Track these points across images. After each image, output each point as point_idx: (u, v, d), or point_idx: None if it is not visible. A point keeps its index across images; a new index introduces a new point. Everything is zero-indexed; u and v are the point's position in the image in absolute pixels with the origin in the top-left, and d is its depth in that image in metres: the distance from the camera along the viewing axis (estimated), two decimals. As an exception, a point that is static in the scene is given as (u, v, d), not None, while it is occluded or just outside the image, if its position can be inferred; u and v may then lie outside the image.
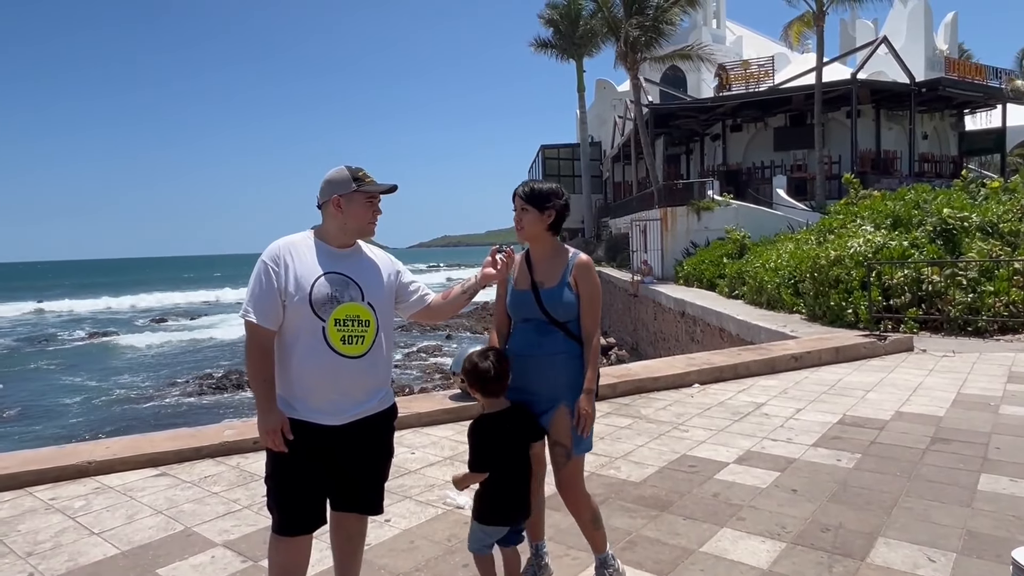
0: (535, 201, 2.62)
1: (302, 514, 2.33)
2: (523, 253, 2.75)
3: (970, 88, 24.88)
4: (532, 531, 2.85)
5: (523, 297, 2.64)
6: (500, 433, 2.47)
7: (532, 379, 2.59)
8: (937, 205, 12.02)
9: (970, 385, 6.47)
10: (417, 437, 5.16)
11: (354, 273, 2.36)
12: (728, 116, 26.61)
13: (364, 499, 2.46)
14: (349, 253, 2.40)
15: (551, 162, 38.73)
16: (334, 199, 2.33)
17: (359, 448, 2.37)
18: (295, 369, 2.28)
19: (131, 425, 15.18)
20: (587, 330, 2.61)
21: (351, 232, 2.39)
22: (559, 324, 2.60)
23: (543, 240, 2.68)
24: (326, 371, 2.27)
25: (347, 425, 2.32)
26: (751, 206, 19.91)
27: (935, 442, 4.77)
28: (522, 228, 2.66)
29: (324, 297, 2.27)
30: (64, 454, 4.69)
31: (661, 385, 6.68)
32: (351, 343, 2.29)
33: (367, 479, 2.44)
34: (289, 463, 2.29)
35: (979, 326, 9.14)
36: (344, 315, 2.28)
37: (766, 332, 9.92)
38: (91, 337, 32.84)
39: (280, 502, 2.34)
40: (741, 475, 4.21)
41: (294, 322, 2.27)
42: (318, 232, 2.41)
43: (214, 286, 67.93)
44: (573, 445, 2.60)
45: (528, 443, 2.55)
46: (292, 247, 2.33)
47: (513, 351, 2.64)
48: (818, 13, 20.98)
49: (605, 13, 23.76)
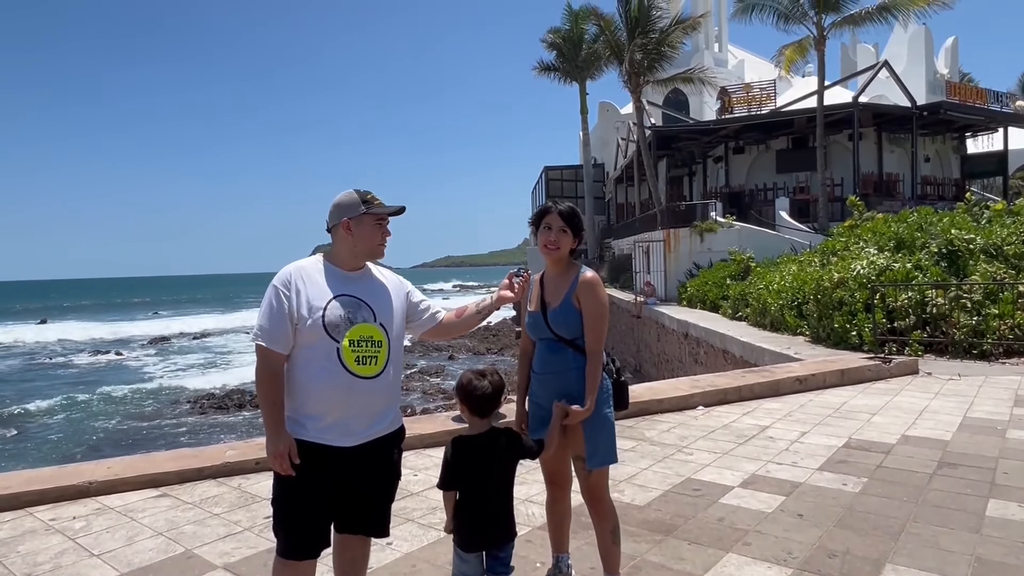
0: (574, 224, 2.68)
1: (308, 538, 2.32)
2: (540, 274, 2.81)
3: (971, 111, 25.01)
4: (555, 542, 2.94)
5: (534, 318, 2.75)
6: (474, 455, 2.44)
7: (548, 395, 2.69)
8: (941, 227, 12.02)
9: (976, 409, 6.42)
10: (419, 459, 5.13)
11: (365, 295, 2.39)
12: (730, 138, 26.76)
13: (370, 521, 2.44)
14: (360, 275, 2.43)
15: (554, 183, 38.94)
16: (344, 222, 2.36)
17: (368, 470, 2.37)
18: (309, 390, 2.29)
19: (133, 444, 15.13)
20: (588, 346, 2.65)
21: (361, 254, 2.42)
22: (567, 341, 2.67)
23: (564, 262, 2.73)
24: (341, 392, 2.28)
25: (359, 447, 2.33)
26: (754, 228, 19.95)
27: (942, 466, 4.72)
28: (559, 249, 2.68)
29: (337, 319, 2.29)
30: (65, 474, 4.67)
31: (665, 407, 6.64)
32: (365, 363, 2.31)
33: (374, 501, 2.43)
34: (297, 486, 2.28)
35: (984, 349, 9.09)
36: (358, 336, 2.31)
37: (770, 354, 9.88)
38: (94, 356, 32.86)
39: (286, 526, 2.33)
40: (746, 499, 4.17)
41: (309, 344, 2.28)
42: (328, 255, 2.44)
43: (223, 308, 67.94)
44: (588, 457, 2.68)
45: (507, 465, 2.51)
46: (303, 271, 2.36)
47: (534, 369, 2.79)
48: (819, 38, 21.16)
49: (608, 36, 24.02)
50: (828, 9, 20.76)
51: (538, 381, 2.75)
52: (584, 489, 2.78)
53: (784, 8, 21.23)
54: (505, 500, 2.51)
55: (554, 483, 2.89)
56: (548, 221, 2.67)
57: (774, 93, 25.71)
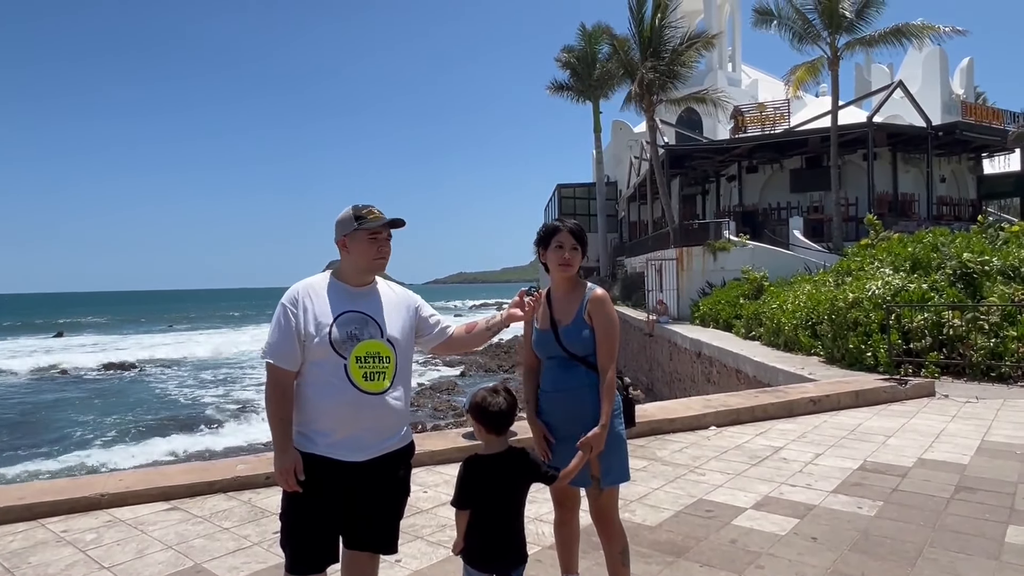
0: (583, 241, 2.72)
1: (315, 553, 2.33)
2: (544, 292, 2.82)
3: (987, 132, 24.88)
4: (564, 562, 2.91)
5: (545, 336, 2.73)
6: (489, 475, 2.42)
7: (560, 414, 2.68)
8: (956, 248, 11.91)
9: (995, 432, 6.32)
10: (430, 475, 5.11)
11: (372, 311, 2.40)
12: (744, 157, 26.76)
13: (379, 537, 2.44)
14: (367, 291, 2.45)
15: (567, 201, 39.04)
16: (341, 240, 2.41)
17: (378, 485, 2.38)
18: (319, 406, 2.31)
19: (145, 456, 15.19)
20: (601, 363, 2.65)
21: (361, 270, 2.43)
22: (579, 359, 2.67)
23: (574, 280, 2.74)
24: (350, 408, 2.30)
25: (369, 462, 2.34)
26: (768, 247, 19.87)
27: (959, 491, 4.64)
28: (572, 266, 2.70)
29: (344, 335, 2.32)
30: (78, 485, 4.70)
31: (677, 427, 6.59)
32: (372, 379, 2.33)
33: (383, 517, 2.43)
34: (305, 501, 2.29)
35: (1002, 372, 8.95)
36: (365, 352, 2.33)
37: (784, 374, 9.79)
38: (107, 369, 33.10)
39: (293, 540, 2.33)
40: (759, 521, 4.12)
41: (317, 361, 2.31)
42: (336, 272, 2.47)
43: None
44: (602, 476, 2.66)
45: (522, 487, 2.49)
46: (311, 289, 2.39)
47: (543, 388, 2.75)
48: (832, 58, 21.19)
49: (621, 56, 24.16)
50: (841, 30, 20.81)
51: (548, 400, 2.73)
52: (594, 510, 2.76)
53: (799, 28, 21.31)
54: (518, 521, 2.49)
55: (562, 504, 2.87)
56: (560, 240, 2.68)
57: (788, 112, 25.72)
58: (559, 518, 2.90)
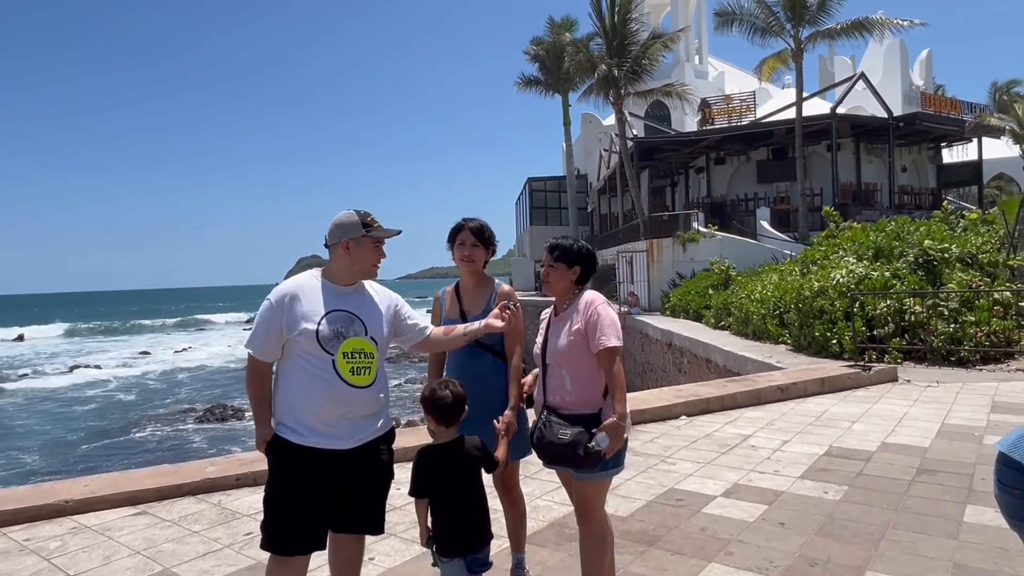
0: (485, 239, 2.93)
1: (303, 534, 2.43)
2: (453, 286, 3.08)
3: (946, 122, 25.49)
4: (512, 542, 3.07)
5: (452, 325, 2.90)
6: (441, 463, 2.56)
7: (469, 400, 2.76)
8: (918, 236, 12.21)
9: (954, 415, 6.51)
10: (403, 472, 5.06)
11: (357, 309, 2.53)
12: (712, 149, 27.04)
13: (366, 518, 2.56)
14: (353, 291, 2.58)
15: (538, 194, 39.07)
16: (344, 243, 2.50)
17: (363, 469, 2.51)
18: (308, 400, 2.42)
19: (111, 460, 14.89)
20: (508, 350, 2.91)
21: (356, 273, 2.56)
22: (486, 347, 2.90)
23: (480, 275, 3.00)
24: (339, 401, 2.43)
25: (354, 449, 2.47)
26: (736, 238, 20.14)
27: (921, 473, 4.78)
28: (474, 262, 2.94)
29: (331, 333, 2.44)
30: (41, 492, 4.59)
31: (648, 417, 6.66)
32: (359, 374, 2.47)
33: (369, 498, 2.56)
34: (293, 485, 2.42)
35: (962, 356, 9.22)
36: (351, 348, 2.46)
37: (752, 363, 9.95)
38: (72, 370, 32.34)
39: (282, 522, 2.43)
40: (729, 508, 4.19)
41: (305, 357, 2.43)
42: (324, 271, 2.58)
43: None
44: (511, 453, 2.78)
45: (475, 473, 2.62)
46: (299, 287, 2.51)
47: (449, 374, 2.93)
48: (796, 50, 21.52)
49: (584, 56, 24.09)
50: (805, 22, 21.14)
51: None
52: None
53: (762, 22, 21.58)
54: (478, 505, 2.60)
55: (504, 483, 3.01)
56: (462, 238, 2.93)
57: (754, 104, 26.04)
58: (504, 500, 3.07)
